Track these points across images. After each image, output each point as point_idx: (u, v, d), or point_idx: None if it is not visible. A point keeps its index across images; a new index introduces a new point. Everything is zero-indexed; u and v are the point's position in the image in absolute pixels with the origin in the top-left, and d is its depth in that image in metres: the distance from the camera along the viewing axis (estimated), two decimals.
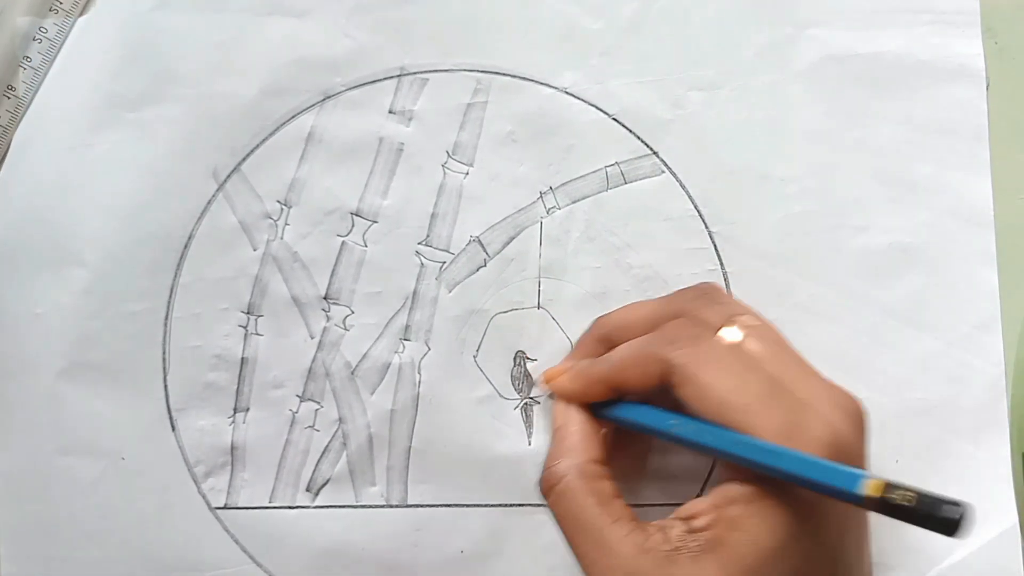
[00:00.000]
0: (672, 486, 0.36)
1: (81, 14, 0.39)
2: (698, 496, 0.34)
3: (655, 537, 0.28)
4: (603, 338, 0.33)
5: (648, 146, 0.38)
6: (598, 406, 0.33)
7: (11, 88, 0.38)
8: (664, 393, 0.30)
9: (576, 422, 0.32)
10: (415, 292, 0.38)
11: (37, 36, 0.39)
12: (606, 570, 0.28)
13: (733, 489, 0.27)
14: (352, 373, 0.37)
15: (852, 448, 0.28)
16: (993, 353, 0.36)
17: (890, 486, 0.24)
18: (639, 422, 0.31)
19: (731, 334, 0.29)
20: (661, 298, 0.34)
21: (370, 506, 0.37)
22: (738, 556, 0.26)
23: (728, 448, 0.27)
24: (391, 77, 0.39)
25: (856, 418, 0.28)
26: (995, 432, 0.36)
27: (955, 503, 0.23)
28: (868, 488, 0.24)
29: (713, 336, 0.29)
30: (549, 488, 0.31)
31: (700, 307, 0.30)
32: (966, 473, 0.35)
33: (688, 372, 0.28)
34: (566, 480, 0.30)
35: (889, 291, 0.36)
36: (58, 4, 0.39)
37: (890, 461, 0.35)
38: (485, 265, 0.38)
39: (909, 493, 0.24)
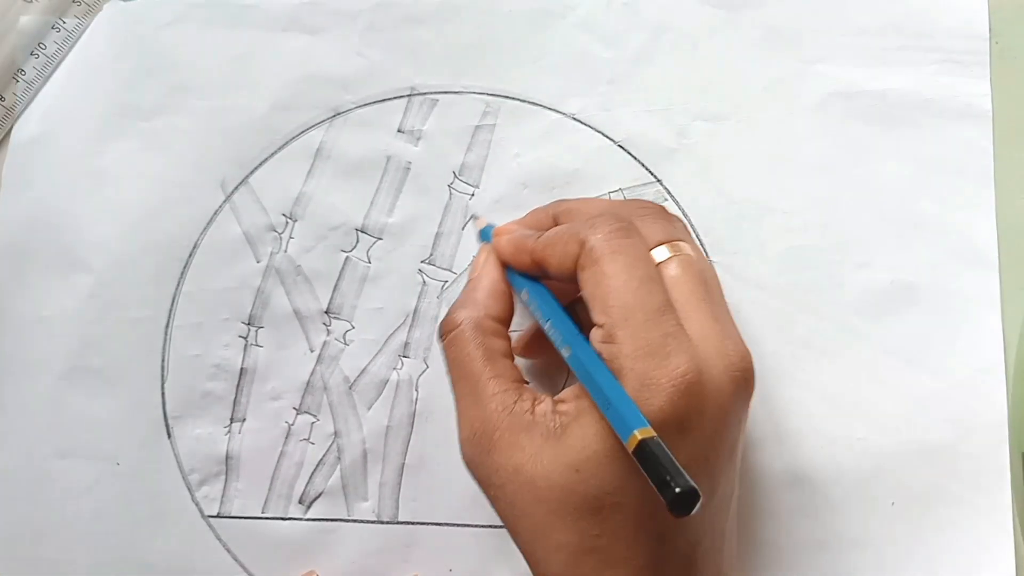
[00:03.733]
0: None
1: (83, 32, 0.40)
2: None
3: (523, 404, 0.28)
4: (554, 215, 0.33)
5: (652, 174, 0.38)
6: (514, 277, 0.32)
7: (1, 99, 0.39)
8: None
9: (489, 278, 0.32)
10: (416, 310, 0.38)
11: (36, 51, 0.40)
12: (469, 419, 0.29)
13: (583, 388, 0.27)
14: (350, 388, 0.38)
15: (714, 402, 0.27)
16: (996, 398, 0.35)
17: (644, 445, 0.24)
18: (529, 298, 0.31)
19: (659, 252, 0.29)
20: (615, 200, 0.33)
21: (361, 521, 0.37)
22: (570, 447, 0.26)
23: (573, 349, 0.28)
24: (401, 96, 0.39)
25: (736, 375, 0.27)
26: (996, 479, 0.35)
27: (684, 480, 0.23)
28: (631, 437, 0.24)
29: (641, 244, 0.28)
30: (444, 333, 0.31)
31: (645, 217, 0.30)
32: (964, 520, 0.35)
33: (595, 256, 0.28)
34: (461, 327, 0.30)
35: (890, 329, 0.36)
36: (61, 22, 0.40)
37: (886, 503, 0.35)
38: None
39: (658, 457, 0.24)
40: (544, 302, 0.31)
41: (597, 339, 0.27)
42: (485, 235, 0.34)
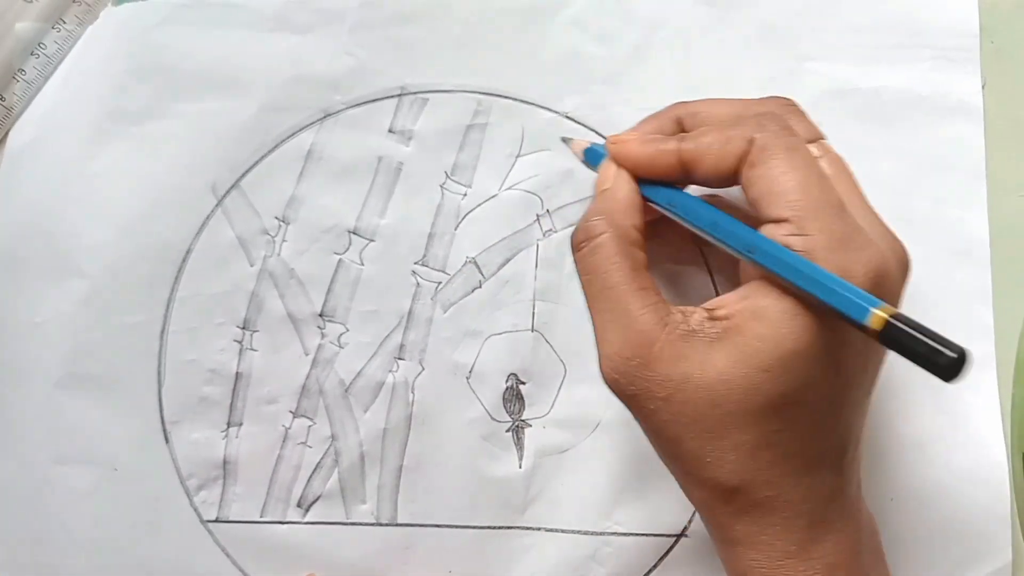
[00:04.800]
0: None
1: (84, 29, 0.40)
2: None
3: (675, 316, 0.27)
4: (676, 119, 0.32)
5: None
6: (648, 188, 0.31)
7: (1, 99, 0.39)
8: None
9: (625, 188, 0.30)
10: (410, 312, 0.38)
11: (36, 51, 0.39)
12: (619, 334, 0.28)
13: (764, 286, 0.27)
14: (346, 391, 0.38)
15: (892, 286, 0.27)
16: (988, 391, 0.36)
17: (897, 316, 0.24)
18: (683, 208, 0.30)
19: (813, 149, 0.29)
20: (743, 99, 0.32)
21: (360, 523, 0.37)
22: (752, 348, 0.26)
23: (761, 246, 0.27)
24: (392, 96, 0.39)
25: (902, 263, 0.28)
26: (991, 471, 0.35)
27: (955, 347, 0.23)
28: (875, 315, 0.24)
29: (801, 140, 0.28)
30: (582, 241, 0.30)
31: (790, 115, 0.30)
32: (961, 513, 0.35)
33: (767, 155, 0.27)
34: (603, 237, 0.29)
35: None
36: (61, 22, 0.39)
37: (884, 500, 0.35)
38: (480, 286, 0.38)
39: (911, 328, 0.24)
40: (702, 205, 0.29)
41: (782, 233, 0.27)
42: (592, 154, 0.32)
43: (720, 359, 0.26)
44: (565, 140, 0.35)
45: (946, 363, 0.23)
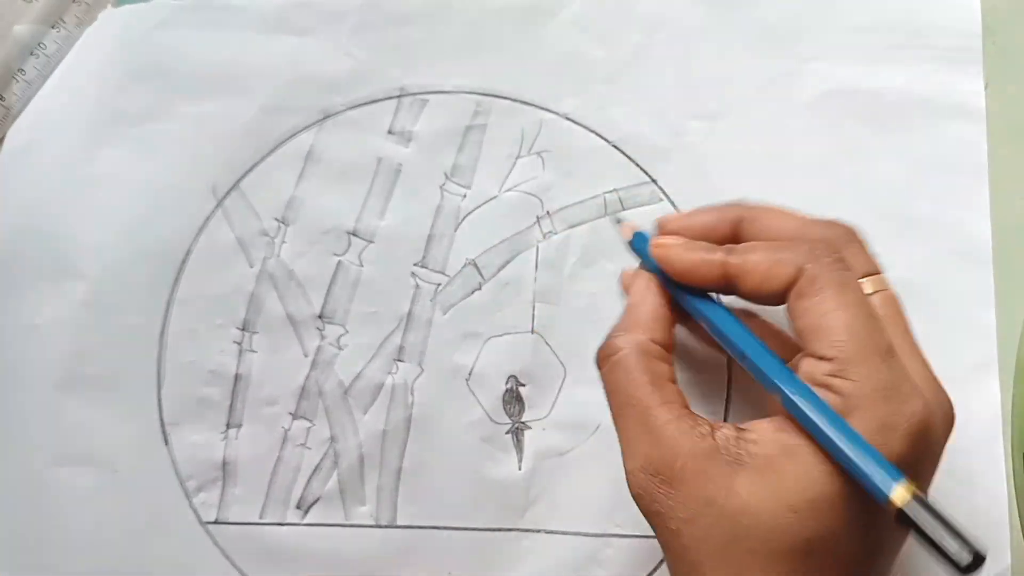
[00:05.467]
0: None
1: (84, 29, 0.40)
2: None
3: (703, 430, 0.27)
4: (732, 221, 0.31)
5: (647, 174, 0.38)
6: (684, 296, 0.30)
7: (1, 99, 0.39)
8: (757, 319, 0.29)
9: (652, 301, 0.30)
10: (410, 313, 0.38)
11: (35, 51, 0.39)
12: (643, 451, 0.27)
13: (798, 427, 0.26)
14: (345, 392, 0.38)
15: (934, 443, 0.26)
16: (989, 394, 0.36)
17: (917, 500, 0.23)
18: (719, 325, 0.29)
19: (868, 285, 0.28)
20: (805, 216, 0.31)
21: (359, 525, 0.37)
22: (782, 485, 0.25)
23: (787, 393, 0.26)
24: (391, 97, 0.39)
25: (947, 417, 0.27)
26: (991, 475, 0.35)
27: (969, 544, 0.23)
28: (895, 493, 0.23)
29: (854, 276, 0.27)
30: (605, 358, 0.29)
31: (847, 245, 0.29)
32: (960, 516, 0.35)
33: (819, 287, 0.26)
34: (623, 352, 0.29)
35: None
36: (61, 22, 0.39)
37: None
38: (480, 288, 0.38)
39: (929, 515, 0.23)
40: (738, 328, 0.29)
41: (823, 373, 0.26)
42: (637, 242, 0.32)
43: (745, 489, 0.25)
44: (616, 221, 0.35)
45: (961, 561, 0.22)
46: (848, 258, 0.28)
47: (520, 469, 0.37)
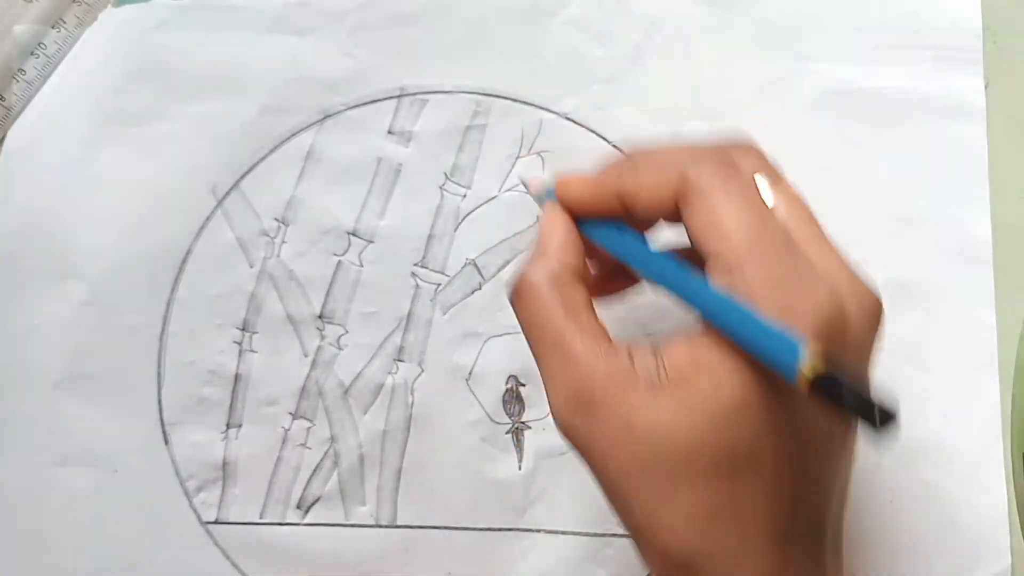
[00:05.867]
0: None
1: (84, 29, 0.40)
2: None
3: (620, 357, 0.25)
4: (630, 159, 0.29)
5: None
6: (589, 226, 0.29)
7: (1, 99, 0.39)
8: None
9: (560, 228, 0.29)
10: (410, 313, 0.38)
11: (35, 51, 0.39)
12: (560, 381, 0.26)
13: (709, 335, 0.25)
14: (345, 392, 0.38)
15: (854, 338, 0.25)
16: (989, 394, 0.36)
17: (830, 367, 0.22)
18: (619, 244, 0.28)
19: (764, 192, 0.27)
20: (700, 141, 0.30)
21: (360, 525, 0.37)
22: (697, 399, 0.24)
23: (687, 290, 0.25)
24: (391, 97, 0.39)
25: (868, 308, 0.26)
26: (991, 475, 0.35)
27: (883, 405, 0.21)
28: (806, 359, 0.22)
29: (743, 175, 0.26)
30: (517, 292, 0.28)
31: (738, 152, 0.28)
32: (960, 517, 0.35)
33: (703, 189, 0.25)
34: (534, 283, 0.27)
35: (885, 326, 0.36)
36: (61, 22, 0.39)
37: (884, 502, 0.35)
38: (480, 288, 0.38)
39: (838, 379, 0.22)
40: (638, 242, 0.28)
41: (718, 275, 0.25)
42: (551, 195, 0.31)
43: (665, 407, 0.24)
44: (524, 182, 0.35)
45: (880, 418, 0.21)
46: (737, 161, 0.27)
47: (520, 469, 0.37)
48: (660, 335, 0.36)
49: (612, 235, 0.29)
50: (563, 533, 0.36)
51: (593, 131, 0.38)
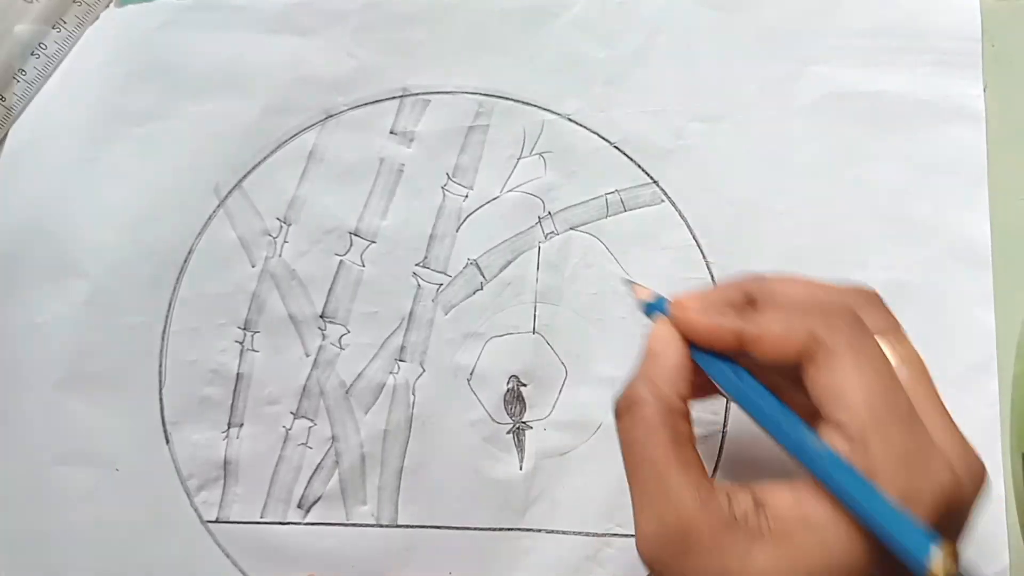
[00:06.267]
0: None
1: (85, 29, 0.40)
2: None
3: (720, 499, 0.26)
4: (748, 293, 0.30)
5: (649, 175, 0.38)
6: (705, 357, 0.29)
7: (1, 99, 0.39)
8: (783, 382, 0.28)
9: (676, 352, 0.28)
10: (411, 313, 0.38)
11: (36, 51, 0.39)
12: (658, 513, 0.26)
13: (817, 491, 0.25)
14: (346, 392, 0.38)
15: (962, 511, 0.25)
16: (988, 394, 0.36)
17: (955, 563, 0.23)
18: (736, 390, 0.28)
19: (886, 346, 0.27)
20: (822, 283, 0.30)
21: (360, 524, 0.37)
22: (799, 556, 0.24)
23: (812, 459, 0.25)
24: (393, 98, 0.39)
25: (977, 482, 0.26)
26: (990, 475, 0.35)
27: None
28: (934, 559, 0.22)
29: (872, 341, 0.26)
30: (625, 409, 0.28)
31: (864, 307, 0.28)
32: None
33: (832, 355, 0.25)
34: (647, 406, 0.27)
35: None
36: (62, 22, 0.39)
37: None
38: (482, 288, 0.38)
39: None
40: (757, 388, 0.28)
41: (839, 442, 0.25)
42: (653, 308, 0.31)
43: (762, 560, 0.24)
44: (627, 283, 0.35)
45: None
46: (865, 320, 0.27)
47: (521, 469, 0.37)
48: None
49: (727, 374, 0.28)
50: (564, 533, 0.36)
51: (595, 132, 0.38)
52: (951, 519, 0.25)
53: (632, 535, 0.35)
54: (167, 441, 0.38)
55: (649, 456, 0.27)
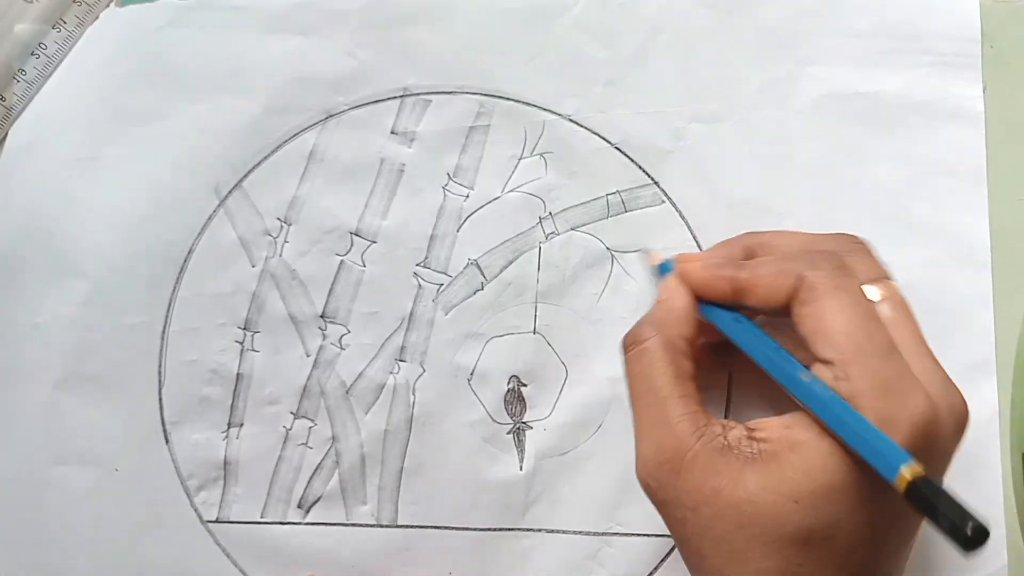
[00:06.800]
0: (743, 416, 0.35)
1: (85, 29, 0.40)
2: None
3: (714, 428, 0.28)
4: (746, 248, 0.33)
5: (649, 176, 0.38)
6: (708, 307, 0.31)
7: (1, 99, 0.39)
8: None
9: (681, 299, 0.31)
10: (412, 313, 0.38)
11: (36, 51, 0.39)
12: (656, 438, 0.28)
13: (806, 420, 0.27)
14: (347, 392, 0.38)
15: (942, 444, 0.27)
16: (986, 395, 0.36)
17: (925, 480, 0.24)
18: (737, 333, 0.30)
19: (871, 290, 0.29)
20: (815, 233, 0.33)
21: (361, 525, 0.37)
22: (785, 477, 0.26)
23: (801, 386, 0.27)
24: (394, 97, 0.39)
25: (958, 416, 0.27)
26: (987, 474, 0.35)
27: (974, 518, 0.23)
28: (903, 471, 0.24)
29: (855, 281, 0.28)
30: (631, 343, 0.30)
31: (851, 254, 0.30)
32: None
33: (816, 294, 0.27)
34: (651, 341, 0.30)
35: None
36: (62, 22, 0.39)
37: None
38: (482, 288, 0.38)
39: (938, 492, 0.24)
40: (756, 332, 0.30)
41: (827, 376, 0.27)
42: (664, 269, 0.33)
43: (752, 481, 0.26)
44: (643, 252, 0.37)
45: (964, 537, 0.23)
46: (850, 265, 0.29)
47: (521, 469, 0.37)
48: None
49: (728, 320, 0.31)
50: (564, 532, 0.36)
51: (595, 132, 0.38)
52: (927, 446, 0.26)
53: (633, 534, 0.35)
54: (167, 441, 0.38)
55: (652, 386, 0.29)
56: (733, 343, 0.31)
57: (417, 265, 0.38)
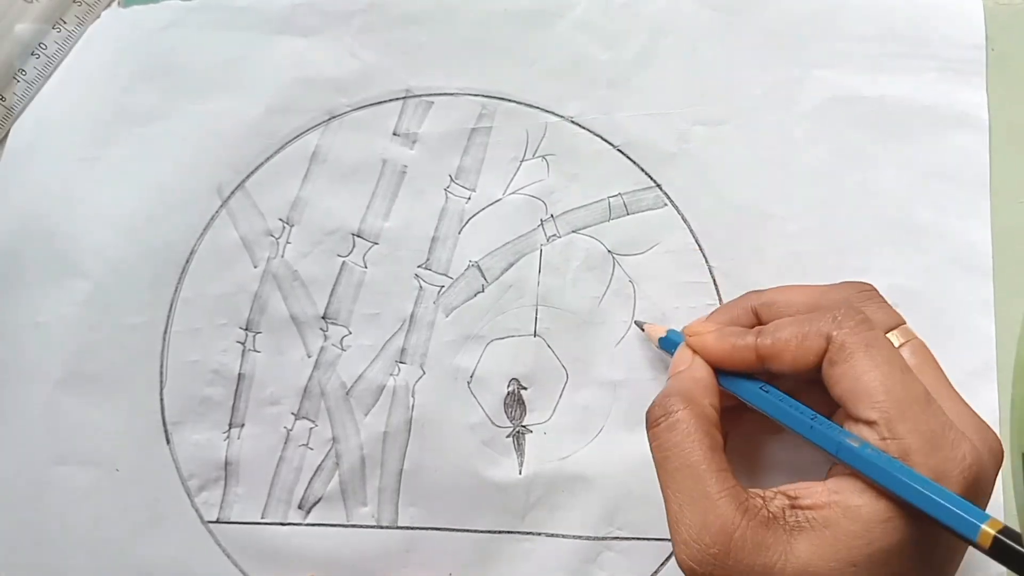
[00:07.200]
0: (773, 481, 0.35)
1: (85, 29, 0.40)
2: None
3: (755, 501, 0.27)
4: (751, 309, 0.32)
5: (652, 178, 0.38)
6: (728, 380, 0.31)
7: (1, 99, 0.39)
8: (802, 386, 0.30)
9: (701, 367, 0.30)
10: (412, 315, 0.38)
11: (36, 51, 0.39)
12: (698, 520, 0.27)
13: (855, 483, 0.26)
14: (347, 393, 0.38)
15: (987, 483, 0.27)
16: (988, 401, 0.36)
17: (1005, 532, 0.24)
18: (767, 404, 0.30)
19: (894, 338, 0.29)
20: (819, 286, 0.32)
21: (360, 526, 0.37)
22: (841, 544, 0.25)
23: (852, 450, 0.26)
24: (396, 99, 0.39)
25: (995, 454, 0.27)
26: None
27: None
28: (984, 532, 0.24)
29: (880, 334, 0.28)
30: (659, 417, 0.29)
31: (866, 303, 0.30)
32: None
33: (847, 354, 0.27)
34: (682, 413, 0.29)
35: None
36: (62, 22, 0.39)
37: None
38: (483, 291, 0.38)
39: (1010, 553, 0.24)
40: (788, 401, 0.29)
41: (872, 437, 0.26)
42: (668, 342, 0.33)
43: (804, 551, 0.26)
44: (639, 324, 0.36)
45: None
46: (870, 316, 0.28)
47: (520, 473, 0.37)
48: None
49: (755, 392, 0.30)
50: (563, 536, 0.36)
51: (598, 135, 0.38)
52: (977, 492, 0.26)
53: (632, 538, 0.35)
54: (168, 441, 0.38)
55: (686, 461, 0.28)
56: (746, 408, 0.30)
57: (418, 267, 0.38)
